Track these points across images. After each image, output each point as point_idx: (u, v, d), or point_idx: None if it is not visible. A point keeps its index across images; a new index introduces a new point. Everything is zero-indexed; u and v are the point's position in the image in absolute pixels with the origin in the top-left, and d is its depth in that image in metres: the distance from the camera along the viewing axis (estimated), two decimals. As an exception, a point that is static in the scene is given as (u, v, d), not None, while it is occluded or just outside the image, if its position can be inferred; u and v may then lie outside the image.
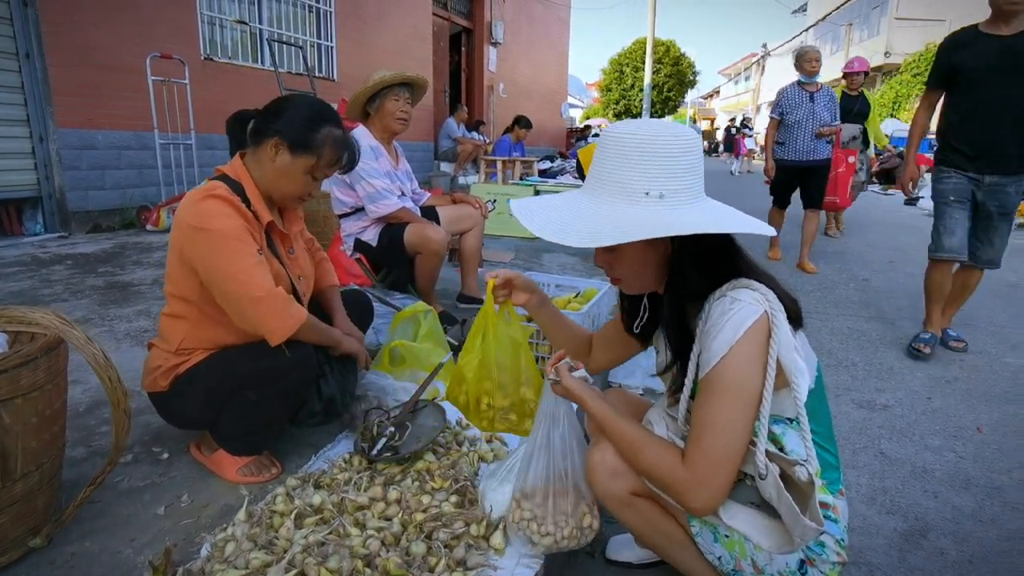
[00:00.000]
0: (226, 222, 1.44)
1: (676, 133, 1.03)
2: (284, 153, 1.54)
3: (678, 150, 1.01)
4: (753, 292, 1.02)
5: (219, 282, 1.44)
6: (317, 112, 1.58)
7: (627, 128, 1.04)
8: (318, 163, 1.57)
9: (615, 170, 1.03)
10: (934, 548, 1.56)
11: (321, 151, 1.56)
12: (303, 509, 1.38)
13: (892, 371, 2.76)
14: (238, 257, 1.42)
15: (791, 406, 1.04)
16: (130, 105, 5.34)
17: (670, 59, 27.56)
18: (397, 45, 9.02)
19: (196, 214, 1.44)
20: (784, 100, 4.79)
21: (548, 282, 2.86)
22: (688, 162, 1.03)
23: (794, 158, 4.73)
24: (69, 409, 1.95)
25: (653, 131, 1.02)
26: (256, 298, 1.42)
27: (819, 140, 4.67)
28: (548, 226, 1.04)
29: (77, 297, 3.28)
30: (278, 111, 1.56)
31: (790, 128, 4.74)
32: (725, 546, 1.10)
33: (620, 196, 1.03)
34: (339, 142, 1.59)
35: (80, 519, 1.43)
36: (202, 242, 1.43)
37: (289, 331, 1.46)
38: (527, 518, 1.27)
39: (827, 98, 4.72)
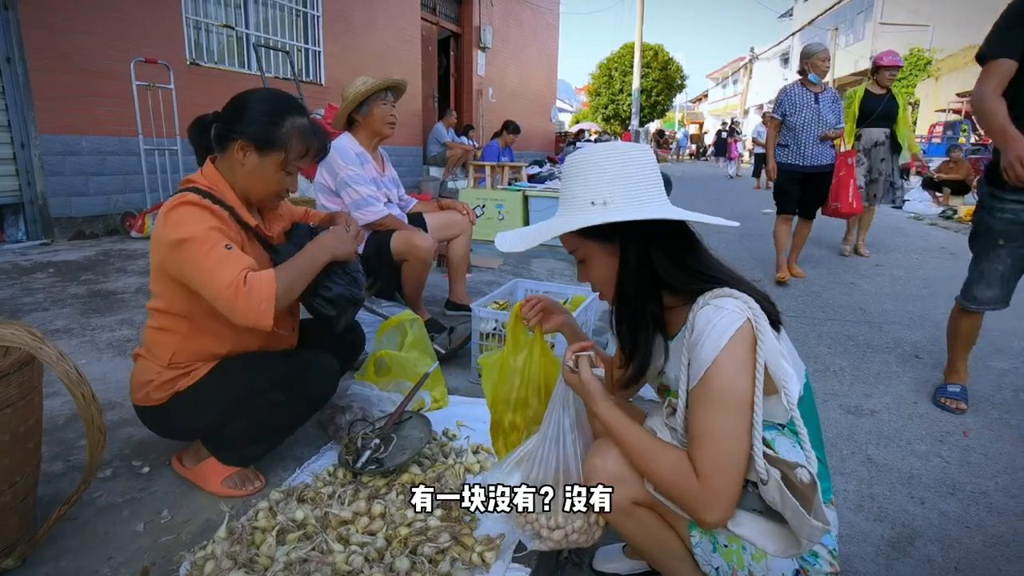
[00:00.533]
0: (193, 227, 1.40)
1: (620, 149, 1.13)
2: (252, 154, 1.51)
3: (619, 162, 1.11)
4: (735, 300, 1.04)
5: (200, 291, 1.42)
6: (277, 105, 1.54)
7: (577, 153, 1.16)
8: (288, 157, 1.53)
9: (568, 188, 1.15)
10: (921, 555, 1.56)
11: (288, 144, 1.52)
12: (285, 524, 1.36)
13: (879, 376, 2.77)
14: (204, 263, 1.38)
15: (781, 412, 1.04)
16: (114, 110, 5.28)
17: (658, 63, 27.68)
18: (385, 49, 9.00)
19: (167, 228, 1.42)
20: (787, 100, 4.44)
21: (538, 288, 2.85)
22: (630, 172, 1.11)
23: (798, 163, 4.41)
24: (47, 422, 1.93)
25: (597, 148, 1.14)
26: (226, 302, 1.37)
27: (823, 144, 4.38)
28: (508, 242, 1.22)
29: (58, 306, 3.23)
30: (237, 112, 1.52)
31: (793, 130, 4.40)
32: (724, 556, 1.10)
33: (571, 209, 1.14)
34: (306, 131, 1.54)
35: (56, 537, 1.40)
36: (178, 257, 1.41)
37: (267, 315, 1.38)
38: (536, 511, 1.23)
39: (832, 99, 4.41)
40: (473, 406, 2.14)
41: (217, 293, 1.37)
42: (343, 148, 2.78)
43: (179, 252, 1.40)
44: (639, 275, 1.12)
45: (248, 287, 1.36)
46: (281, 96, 1.59)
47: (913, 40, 21.56)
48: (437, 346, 2.46)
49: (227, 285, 1.36)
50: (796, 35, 27.55)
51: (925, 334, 3.36)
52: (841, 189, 4.80)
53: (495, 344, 2.38)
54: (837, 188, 4.78)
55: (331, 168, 2.78)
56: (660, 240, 1.11)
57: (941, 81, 19.60)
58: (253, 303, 1.36)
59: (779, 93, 4.56)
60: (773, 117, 4.53)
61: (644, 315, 1.15)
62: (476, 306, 2.40)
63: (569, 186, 1.15)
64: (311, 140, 1.56)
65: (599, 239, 1.13)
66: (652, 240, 1.10)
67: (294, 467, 1.75)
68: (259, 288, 1.38)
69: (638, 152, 1.13)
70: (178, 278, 1.45)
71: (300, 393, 1.58)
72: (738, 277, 1.13)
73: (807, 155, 4.38)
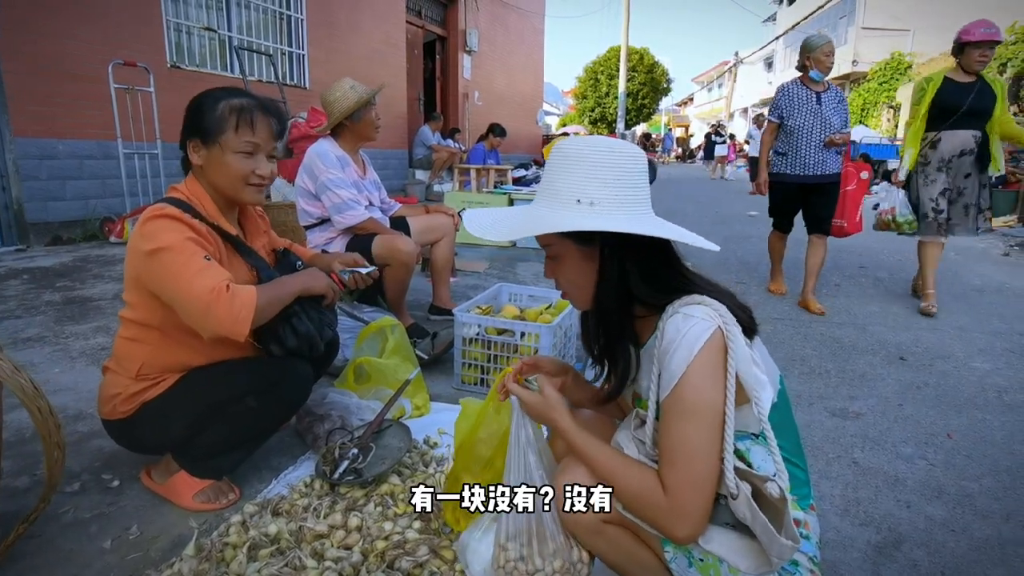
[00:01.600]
0: (169, 236, 1.39)
1: (611, 146, 1.06)
2: (201, 149, 1.52)
3: (610, 160, 1.04)
4: (705, 308, 1.01)
5: (174, 301, 1.39)
6: (211, 95, 1.53)
7: (567, 141, 1.09)
8: (231, 137, 1.49)
9: (553, 180, 1.08)
10: (907, 560, 1.54)
11: (224, 125, 1.49)
12: (258, 539, 1.32)
13: (864, 377, 2.77)
14: (182, 271, 1.36)
15: (755, 421, 1.02)
16: (92, 113, 5.19)
17: (644, 67, 27.85)
18: (370, 53, 8.95)
19: (142, 238, 1.41)
20: (784, 100, 3.87)
21: (522, 293, 2.82)
22: (620, 174, 1.05)
23: (799, 172, 3.81)
24: (13, 435, 1.88)
25: (588, 142, 1.06)
26: (204, 305, 1.33)
27: (828, 151, 3.77)
28: (481, 227, 1.10)
29: (31, 313, 3.15)
30: (186, 116, 1.54)
31: (793, 135, 3.81)
32: (700, 571, 1.07)
33: (554, 203, 1.07)
34: (242, 108, 1.51)
35: (18, 556, 1.34)
36: (153, 266, 1.39)
37: (245, 323, 1.36)
38: (512, 559, 1.19)
39: (837, 99, 3.84)
40: (455, 413, 2.09)
41: (196, 299, 1.34)
42: (323, 152, 2.74)
43: (155, 261, 1.38)
44: (619, 285, 1.08)
45: (231, 294, 1.35)
46: (218, 88, 1.57)
47: (894, 45, 21.85)
48: (420, 352, 2.43)
49: (208, 290, 1.33)
50: (779, 39, 27.84)
51: (909, 335, 3.37)
52: (848, 206, 4.08)
53: (478, 349, 2.35)
54: (843, 203, 4.05)
55: (311, 172, 2.74)
56: (639, 252, 1.06)
57: (922, 85, 19.85)
58: (235, 309, 1.34)
59: (776, 92, 3.98)
60: (769, 120, 3.97)
61: (623, 325, 1.12)
62: (459, 311, 2.37)
63: (554, 177, 1.08)
64: (249, 113, 1.51)
65: (578, 241, 1.08)
66: (630, 251, 1.06)
67: (270, 478, 1.71)
68: (242, 296, 1.36)
69: (629, 151, 1.07)
70: (153, 289, 1.43)
71: (273, 399, 1.54)
72: (711, 284, 1.09)
73: (808, 163, 3.79)
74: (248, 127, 1.51)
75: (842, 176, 3.94)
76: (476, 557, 1.28)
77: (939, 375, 2.81)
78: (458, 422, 1.48)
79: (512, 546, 1.18)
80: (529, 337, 2.27)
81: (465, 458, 1.40)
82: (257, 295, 1.39)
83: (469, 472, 1.39)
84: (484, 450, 1.38)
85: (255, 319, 1.38)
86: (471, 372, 2.40)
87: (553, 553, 1.17)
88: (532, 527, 1.18)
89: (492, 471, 1.37)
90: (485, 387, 2.39)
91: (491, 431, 1.35)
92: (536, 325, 2.25)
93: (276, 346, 1.53)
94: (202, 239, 1.44)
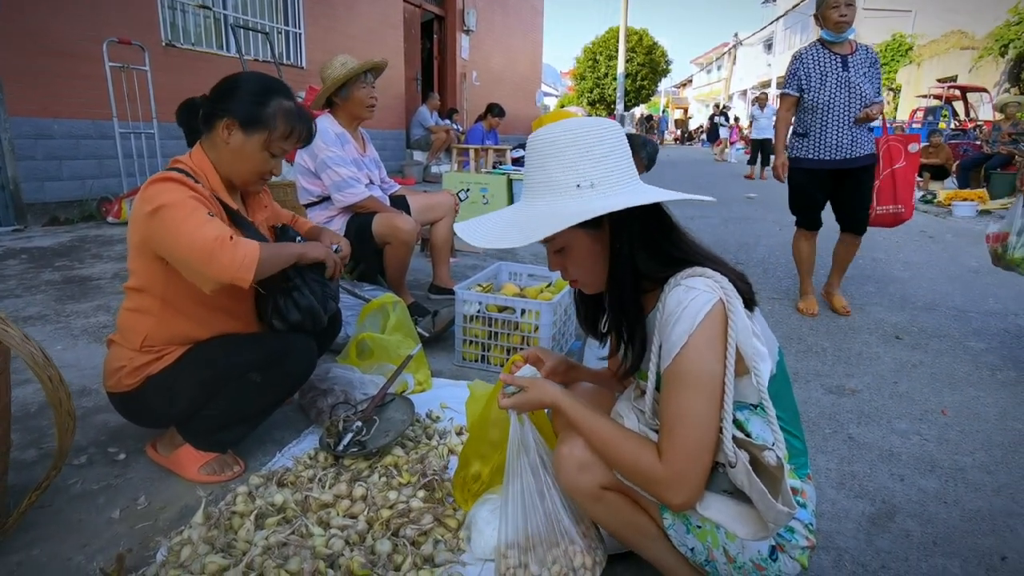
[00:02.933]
0: (172, 195, 1.40)
1: (589, 124, 1.05)
2: (237, 132, 1.52)
3: (595, 138, 1.04)
4: (707, 279, 1.02)
5: (176, 254, 1.40)
6: (265, 86, 1.55)
7: (543, 131, 1.07)
8: (271, 137, 1.54)
9: (541, 171, 1.06)
10: (900, 530, 1.57)
11: (273, 124, 1.53)
12: (264, 509, 1.34)
13: (861, 356, 2.79)
14: (184, 224, 1.37)
15: (754, 392, 1.03)
16: (87, 93, 5.14)
17: (643, 48, 27.59)
18: (367, 32, 8.85)
19: (146, 199, 1.42)
20: (803, 68, 3.16)
21: (521, 271, 2.83)
22: (607, 149, 1.05)
23: (825, 156, 3.13)
24: (18, 410, 1.89)
25: (563, 127, 1.05)
26: (208, 253, 1.35)
27: (859, 128, 3.11)
28: (489, 236, 1.07)
29: (31, 293, 3.15)
30: (226, 91, 1.53)
31: (816, 111, 3.13)
32: (698, 537, 1.09)
33: (551, 194, 1.05)
34: (291, 114, 1.56)
35: (28, 525, 1.36)
36: (156, 224, 1.40)
37: (248, 269, 1.37)
38: (512, 565, 1.21)
39: (867, 62, 3.11)
40: (457, 388, 2.12)
41: (200, 248, 1.35)
42: (323, 129, 2.73)
43: (157, 219, 1.39)
44: (629, 264, 1.08)
45: (234, 242, 1.37)
46: (271, 79, 1.61)
47: (895, 26, 21.66)
48: (421, 329, 2.44)
49: (212, 238, 1.35)
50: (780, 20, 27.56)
51: (905, 315, 3.39)
52: (901, 187, 3.29)
53: (479, 326, 2.36)
54: (894, 185, 3.29)
55: (310, 150, 2.73)
56: (643, 225, 1.05)
57: (923, 67, 19.73)
58: (238, 256, 1.36)
59: (792, 61, 3.26)
60: (785, 94, 3.27)
61: (637, 301, 1.12)
62: (459, 288, 2.38)
63: (543, 167, 1.06)
64: (296, 122, 1.57)
65: (586, 227, 1.05)
66: (636, 226, 1.05)
67: (274, 451, 1.73)
68: (245, 245, 1.39)
69: (605, 124, 1.07)
70: (156, 248, 1.43)
71: (278, 373, 1.56)
72: (711, 256, 1.10)
73: (836, 145, 3.11)
74: (289, 136, 1.56)
75: (884, 154, 3.25)
76: (480, 537, 1.31)
77: (934, 354, 2.84)
78: (468, 404, 1.50)
79: (512, 554, 1.20)
80: (530, 314, 2.28)
81: (476, 441, 1.42)
82: (260, 247, 1.41)
83: (479, 454, 1.41)
84: (495, 433, 1.40)
85: (258, 269, 1.39)
86: (472, 349, 2.42)
87: (553, 560, 1.18)
88: (529, 535, 1.20)
89: (501, 456, 1.38)
90: (486, 364, 2.41)
91: (501, 414, 1.37)
92: (537, 303, 2.26)
93: (279, 320, 1.54)
94: (205, 200, 1.46)
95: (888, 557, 1.47)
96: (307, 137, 1.63)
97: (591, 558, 1.19)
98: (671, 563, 1.17)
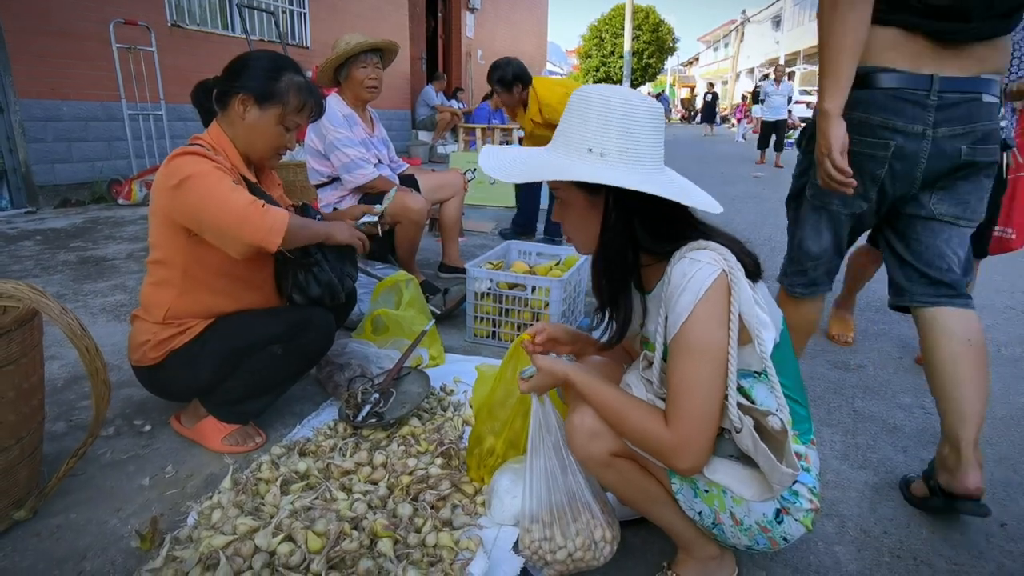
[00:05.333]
0: (198, 166, 1.46)
1: (629, 97, 1.06)
2: (252, 108, 1.56)
3: (622, 111, 1.05)
4: (711, 252, 1.04)
5: (205, 222, 1.45)
6: (276, 62, 1.60)
7: (587, 88, 1.09)
8: (285, 110, 1.59)
9: (567, 127, 1.10)
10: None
11: (286, 98, 1.58)
12: (289, 475, 1.40)
13: (866, 332, 2.82)
14: (214, 191, 1.43)
15: (757, 360, 1.07)
16: (95, 74, 5.15)
17: (649, 25, 27.28)
18: (371, 11, 8.79)
19: (170, 173, 1.46)
20: None
21: (530, 250, 2.86)
22: (634, 126, 1.05)
23: None
24: (47, 384, 1.94)
25: (604, 91, 1.06)
26: (241, 215, 1.42)
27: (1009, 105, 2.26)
28: (495, 166, 1.13)
29: (49, 273, 3.21)
30: (239, 69, 1.58)
31: None
32: (705, 501, 1.13)
33: (565, 148, 1.09)
34: (302, 88, 1.61)
35: (64, 492, 1.43)
36: (183, 195, 1.45)
37: (279, 233, 1.44)
38: (536, 539, 1.23)
39: None
40: (469, 363, 2.17)
41: (232, 210, 1.42)
42: (330, 110, 2.74)
43: (183, 190, 1.44)
44: (623, 235, 1.11)
45: (266, 208, 1.44)
46: (280, 56, 1.65)
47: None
48: (432, 307, 2.49)
49: (246, 202, 1.43)
50: (789, -4, 27.09)
51: (911, 293, 3.41)
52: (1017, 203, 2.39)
53: (490, 303, 2.41)
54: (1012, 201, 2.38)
55: (319, 131, 2.75)
56: (645, 205, 1.07)
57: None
58: (268, 220, 1.43)
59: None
60: None
61: (626, 273, 1.16)
62: (471, 266, 2.42)
63: (570, 123, 1.10)
64: (307, 96, 1.62)
65: (584, 190, 1.10)
66: (637, 205, 1.07)
67: (294, 423, 1.78)
68: (276, 211, 1.46)
69: (647, 103, 1.07)
70: (183, 219, 1.48)
71: (298, 347, 1.61)
72: (715, 229, 1.13)
73: None
74: (302, 109, 1.61)
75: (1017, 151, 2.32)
76: (500, 504, 1.36)
77: (940, 330, 2.86)
78: (475, 386, 1.55)
79: (535, 528, 1.23)
80: (540, 291, 2.32)
81: (485, 420, 1.46)
82: (289, 216, 1.48)
83: (491, 431, 1.46)
84: (502, 412, 1.44)
85: (286, 236, 1.46)
86: (483, 326, 2.46)
87: (576, 532, 1.22)
88: (553, 509, 1.24)
89: (512, 431, 1.44)
90: (497, 340, 2.45)
91: (508, 392, 1.42)
92: (547, 279, 2.30)
93: (299, 295, 1.60)
94: (229, 171, 1.51)
95: (890, 524, 1.51)
96: (318, 111, 1.68)
97: (610, 532, 1.24)
98: (680, 527, 1.21)
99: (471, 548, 1.23)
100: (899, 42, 1.39)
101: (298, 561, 1.12)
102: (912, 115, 1.41)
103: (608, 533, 1.24)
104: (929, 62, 1.39)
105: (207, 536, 1.19)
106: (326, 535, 1.18)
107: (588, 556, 1.22)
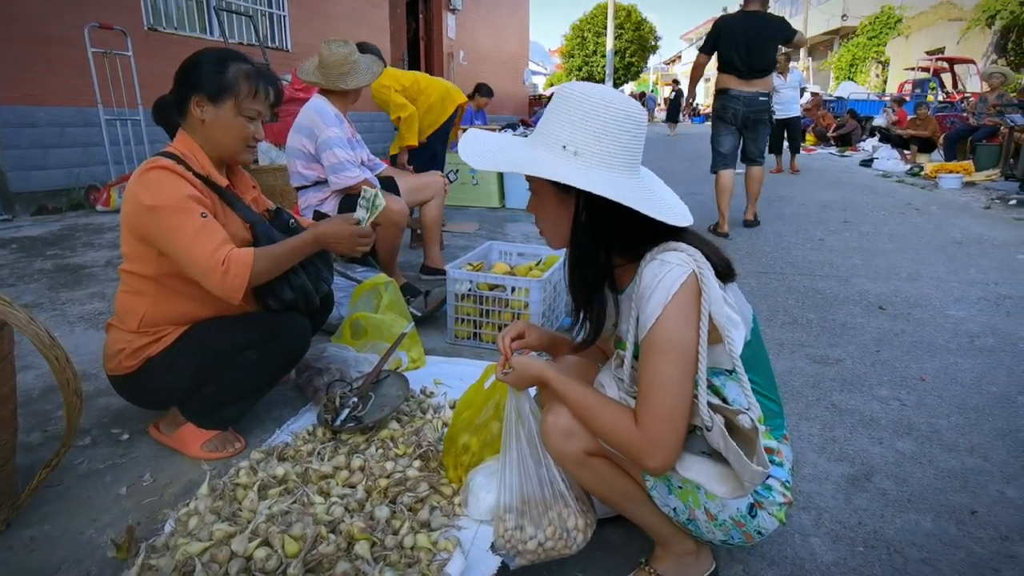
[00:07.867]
0: (168, 193, 1.45)
1: (609, 98, 1.05)
2: (207, 107, 1.55)
3: (604, 113, 1.04)
4: (680, 253, 1.05)
5: (172, 256, 1.47)
6: (219, 55, 1.59)
7: (571, 84, 1.08)
8: (239, 100, 1.57)
9: (549, 119, 1.10)
10: (877, 490, 1.65)
11: (237, 88, 1.56)
12: (267, 480, 1.39)
13: (845, 327, 2.86)
14: (181, 231, 1.43)
15: (728, 359, 1.08)
16: (70, 79, 5.09)
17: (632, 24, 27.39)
18: (352, 13, 8.75)
19: (142, 187, 1.46)
20: None
21: (511, 250, 2.87)
22: (612, 128, 1.05)
23: None
24: (21, 395, 1.92)
25: (588, 89, 1.06)
26: (200, 270, 1.44)
27: None
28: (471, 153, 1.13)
29: (24, 282, 3.17)
30: (186, 73, 1.57)
31: None
32: (679, 497, 1.15)
33: (542, 142, 1.09)
34: (251, 75, 1.59)
35: (39, 503, 1.41)
36: (153, 223, 1.46)
37: (239, 291, 1.45)
38: (510, 527, 1.24)
39: None
40: (450, 365, 2.18)
41: (194, 262, 1.44)
42: (322, 110, 2.74)
43: (153, 217, 1.45)
44: (592, 238, 1.12)
45: (225, 267, 1.43)
46: (223, 49, 1.64)
47: (884, -1, 21.57)
48: (413, 309, 2.49)
49: (206, 256, 1.42)
50: (769, -7, 27.31)
51: (890, 286, 3.46)
52: None
53: (471, 304, 2.41)
54: None
55: (310, 131, 2.73)
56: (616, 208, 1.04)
57: (911, 39, 19.70)
58: (228, 280, 1.44)
59: None
60: None
61: (598, 272, 1.16)
62: (451, 267, 2.42)
63: (550, 117, 1.10)
64: (257, 81, 1.60)
65: (556, 186, 1.09)
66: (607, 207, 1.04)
67: (273, 428, 1.78)
68: (235, 266, 1.44)
69: (628, 106, 1.06)
70: (150, 241, 1.49)
71: (273, 352, 1.61)
72: (688, 231, 1.12)
73: None
74: (257, 95, 1.59)
75: None
76: (476, 501, 1.37)
77: (915, 323, 2.91)
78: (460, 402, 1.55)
79: (509, 517, 1.24)
80: (520, 292, 2.33)
81: (461, 422, 1.48)
82: (254, 263, 1.47)
83: (466, 430, 1.47)
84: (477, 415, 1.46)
85: (252, 281, 1.47)
86: (464, 327, 2.46)
87: (548, 522, 1.23)
88: (525, 498, 1.24)
89: (487, 432, 1.45)
90: (478, 341, 2.46)
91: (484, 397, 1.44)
92: (526, 280, 2.31)
93: (273, 300, 1.59)
94: (199, 194, 1.50)
95: (865, 514, 1.54)
96: (276, 94, 1.66)
97: (583, 520, 1.24)
98: (656, 523, 1.23)
99: (449, 549, 1.24)
100: (730, 79, 4.48)
101: (275, 566, 1.12)
102: (737, 102, 4.50)
103: (581, 521, 1.25)
104: (741, 85, 4.47)
105: (183, 543, 1.18)
106: (303, 539, 1.18)
107: (560, 545, 1.23)
